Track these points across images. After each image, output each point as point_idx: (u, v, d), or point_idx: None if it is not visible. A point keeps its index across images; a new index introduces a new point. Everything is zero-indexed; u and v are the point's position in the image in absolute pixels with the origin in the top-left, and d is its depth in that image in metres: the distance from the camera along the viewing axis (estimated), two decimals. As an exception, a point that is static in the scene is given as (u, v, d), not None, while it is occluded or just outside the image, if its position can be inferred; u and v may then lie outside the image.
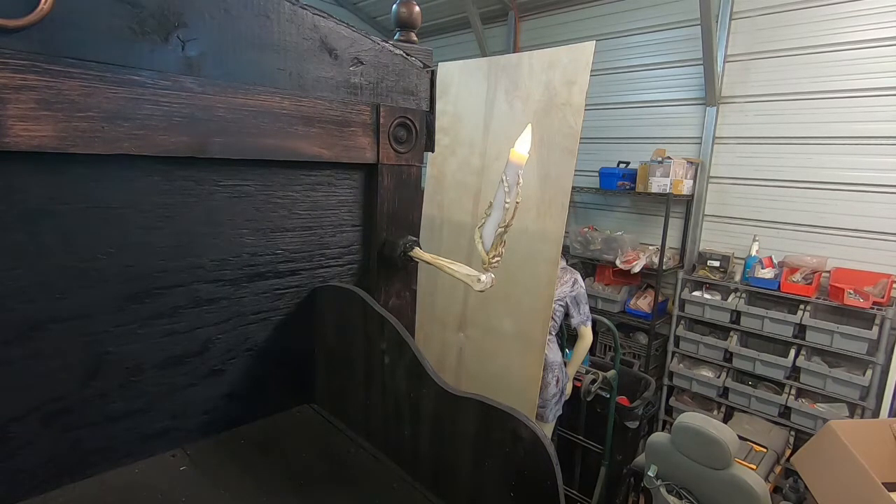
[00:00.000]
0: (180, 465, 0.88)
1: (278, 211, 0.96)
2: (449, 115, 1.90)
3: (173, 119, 0.77)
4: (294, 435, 0.99)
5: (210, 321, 0.91)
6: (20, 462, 0.75)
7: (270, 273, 0.98)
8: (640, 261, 4.13)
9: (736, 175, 3.94)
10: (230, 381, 0.96)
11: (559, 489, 0.66)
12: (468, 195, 1.86)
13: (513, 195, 0.76)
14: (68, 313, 0.76)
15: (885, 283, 3.22)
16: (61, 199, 0.73)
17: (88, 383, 0.80)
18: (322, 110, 0.93)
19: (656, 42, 4.29)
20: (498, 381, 1.76)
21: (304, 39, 0.89)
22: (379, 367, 0.91)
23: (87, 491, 0.80)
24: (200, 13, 0.77)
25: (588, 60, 1.48)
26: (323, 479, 0.87)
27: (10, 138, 0.64)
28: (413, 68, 1.05)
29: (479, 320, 1.84)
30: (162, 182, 0.82)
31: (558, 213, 1.58)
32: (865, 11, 3.26)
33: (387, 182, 1.06)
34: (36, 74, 0.64)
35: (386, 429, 0.93)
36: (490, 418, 0.73)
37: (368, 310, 0.92)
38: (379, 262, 1.09)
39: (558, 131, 1.55)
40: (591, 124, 4.44)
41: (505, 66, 1.72)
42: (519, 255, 1.63)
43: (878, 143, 3.30)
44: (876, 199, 3.32)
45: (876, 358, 3.23)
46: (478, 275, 0.85)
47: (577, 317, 2.69)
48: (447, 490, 0.83)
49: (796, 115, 3.59)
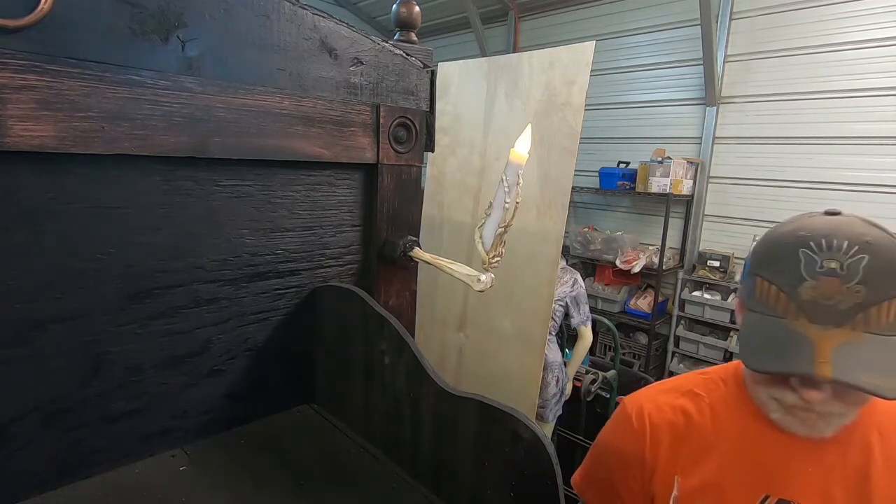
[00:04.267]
0: (180, 465, 0.88)
1: (278, 211, 0.96)
2: (449, 115, 1.90)
3: (173, 119, 0.77)
4: (294, 435, 0.99)
5: (210, 321, 0.91)
6: (20, 462, 0.75)
7: (270, 273, 0.98)
8: (640, 261, 4.13)
9: (736, 175, 3.94)
10: (230, 381, 0.96)
11: (559, 489, 0.66)
12: (468, 195, 1.86)
13: (513, 195, 0.76)
14: (68, 313, 0.76)
15: (885, 283, 3.22)
16: (61, 199, 0.73)
17: (88, 383, 0.80)
18: (322, 110, 0.93)
19: (656, 42, 4.29)
20: (498, 381, 1.76)
21: (304, 39, 0.89)
22: (379, 367, 0.91)
23: (87, 491, 0.80)
24: (200, 13, 0.77)
25: (588, 60, 1.48)
26: (323, 479, 0.87)
27: (10, 138, 0.63)
28: (413, 68, 1.05)
29: (479, 320, 1.84)
30: (162, 182, 0.82)
31: (558, 213, 1.58)
32: (865, 11, 3.26)
33: (387, 182, 1.06)
34: (36, 74, 0.64)
35: (386, 429, 0.93)
36: (490, 418, 0.73)
37: (368, 310, 0.92)
38: (379, 262, 1.08)
39: (558, 131, 1.55)
40: (591, 124, 4.44)
41: (505, 66, 1.72)
42: (519, 255, 1.63)
43: (878, 143, 3.30)
44: (876, 199, 3.32)
45: (876, 358, 3.22)
46: (478, 275, 0.85)
47: (577, 317, 2.69)
48: (447, 490, 0.83)
49: (796, 115, 3.60)
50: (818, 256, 0.62)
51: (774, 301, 0.65)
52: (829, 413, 0.67)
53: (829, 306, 0.60)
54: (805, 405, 0.67)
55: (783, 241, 0.67)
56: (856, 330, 0.60)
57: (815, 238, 0.63)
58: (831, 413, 0.67)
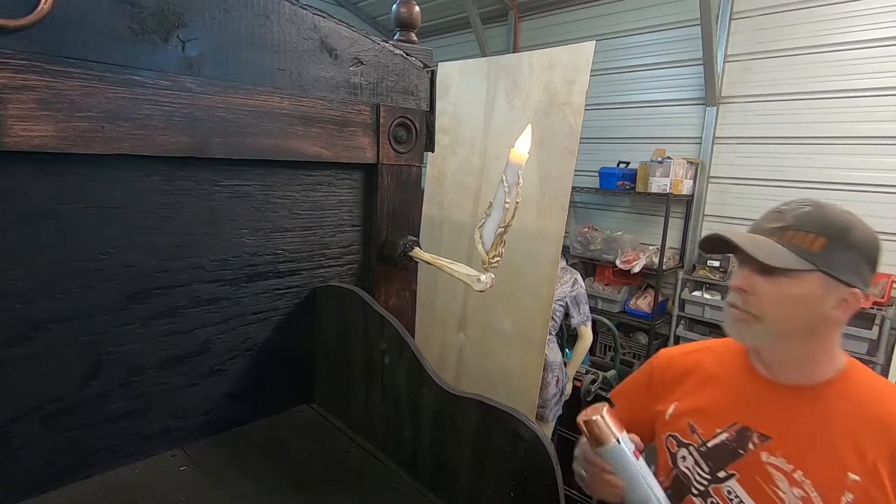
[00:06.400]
0: (180, 465, 0.88)
1: (278, 211, 0.96)
2: (449, 115, 1.90)
3: (173, 119, 0.76)
4: (294, 435, 0.99)
5: (210, 321, 0.91)
6: (20, 462, 0.75)
7: (270, 273, 0.98)
8: (640, 261, 4.12)
9: (736, 175, 3.94)
10: (230, 381, 0.96)
11: (559, 489, 0.66)
12: (468, 195, 1.86)
13: (513, 195, 0.76)
14: (68, 313, 0.76)
15: (886, 283, 3.22)
16: (61, 199, 0.73)
17: (88, 383, 0.80)
18: (322, 110, 0.93)
19: (656, 42, 4.28)
20: (498, 381, 1.76)
21: (303, 39, 0.89)
22: (379, 367, 0.91)
23: (87, 491, 0.80)
24: (200, 13, 0.77)
25: (588, 60, 1.48)
26: (323, 479, 0.87)
27: (10, 138, 0.63)
28: (413, 68, 1.05)
29: (479, 320, 1.84)
30: (162, 182, 0.82)
31: (558, 213, 1.58)
32: (865, 11, 3.26)
33: (387, 182, 1.06)
34: (36, 74, 0.64)
35: (386, 429, 0.93)
36: (490, 418, 0.73)
37: (368, 310, 0.92)
38: (379, 262, 1.08)
39: (558, 131, 1.55)
40: (591, 124, 4.44)
41: (505, 66, 1.72)
42: (519, 255, 1.63)
43: (878, 143, 3.30)
44: (876, 199, 3.32)
45: (876, 358, 3.22)
46: (478, 275, 0.85)
47: (577, 317, 2.69)
48: (447, 490, 0.83)
49: (796, 115, 3.59)
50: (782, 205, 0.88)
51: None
52: (747, 312, 0.84)
53: (762, 225, 0.86)
54: (732, 299, 0.87)
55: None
56: (770, 238, 0.83)
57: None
58: (748, 311, 0.84)
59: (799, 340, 0.83)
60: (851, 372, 0.84)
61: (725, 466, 0.87)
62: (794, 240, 0.80)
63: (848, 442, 0.79)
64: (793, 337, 0.83)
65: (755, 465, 0.84)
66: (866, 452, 0.77)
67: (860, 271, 0.79)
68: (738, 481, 0.86)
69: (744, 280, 0.84)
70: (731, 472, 0.87)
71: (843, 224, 0.80)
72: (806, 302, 0.80)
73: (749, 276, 0.84)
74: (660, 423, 0.99)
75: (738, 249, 0.83)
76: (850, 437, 0.79)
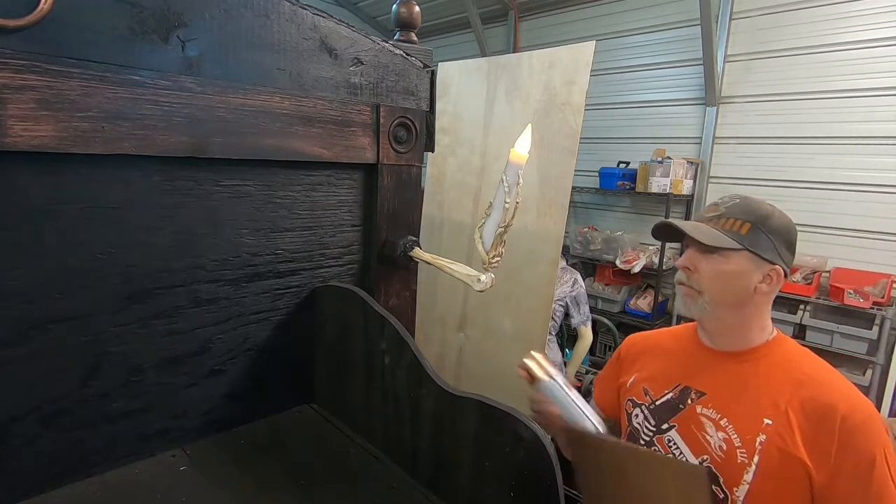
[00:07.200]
0: (180, 465, 0.88)
1: (278, 211, 0.96)
2: (449, 115, 1.90)
3: (173, 119, 0.77)
4: (294, 435, 0.99)
5: (210, 321, 0.91)
6: (20, 462, 0.75)
7: (270, 273, 0.98)
8: (640, 261, 4.12)
9: (736, 175, 3.94)
10: (230, 381, 0.96)
11: (559, 489, 0.66)
12: (468, 195, 1.86)
13: (513, 195, 0.76)
14: (68, 313, 0.76)
15: (885, 282, 3.22)
16: (61, 199, 0.73)
17: (88, 383, 0.80)
18: (322, 110, 0.93)
19: (656, 42, 4.28)
20: (498, 381, 1.76)
21: (303, 39, 0.89)
22: (379, 367, 0.91)
23: (87, 491, 0.80)
24: (200, 13, 0.77)
25: (588, 60, 1.48)
26: (323, 479, 0.87)
27: (10, 138, 0.63)
28: (413, 68, 1.05)
29: (479, 320, 1.84)
30: (162, 182, 0.82)
31: (558, 213, 1.58)
32: (865, 11, 3.26)
33: (387, 182, 1.06)
34: (36, 74, 0.64)
35: (386, 429, 0.93)
36: (490, 418, 0.73)
37: (368, 310, 0.92)
38: (379, 262, 1.08)
39: (558, 131, 1.55)
40: (591, 124, 4.44)
41: (505, 66, 1.72)
42: (519, 255, 1.63)
43: (878, 143, 3.30)
44: (876, 199, 3.32)
45: (876, 358, 3.23)
46: (478, 275, 0.85)
47: (577, 317, 2.69)
48: (447, 490, 0.83)
49: (796, 115, 3.59)
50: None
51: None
52: (691, 287, 0.99)
53: (703, 215, 1.02)
54: (679, 277, 1.02)
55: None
56: (707, 224, 0.98)
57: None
58: (692, 287, 0.99)
59: (733, 310, 0.97)
60: (779, 341, 1.00)
61: (668, 419, 1.02)
62: (726, 225, 0.96)
63: (767, 395, 0.92)
64: (728, 307, 0.97)
65: (691, 416, 0.99)
66: (780, 402, 0.90)
67: (780, 251, 0.95)
68: (677, 431, 1.00)
69: (688, 259, 1.00)
70: (672, 423, 1.01)
71: (765, 213, 0.96)
72: (738, 276, 0.95)
73: (692, 255, 0.99)
74: (622, 392, 1.14)
75: (683, 234, 0.98)
76: (768, 391, 0.93)
